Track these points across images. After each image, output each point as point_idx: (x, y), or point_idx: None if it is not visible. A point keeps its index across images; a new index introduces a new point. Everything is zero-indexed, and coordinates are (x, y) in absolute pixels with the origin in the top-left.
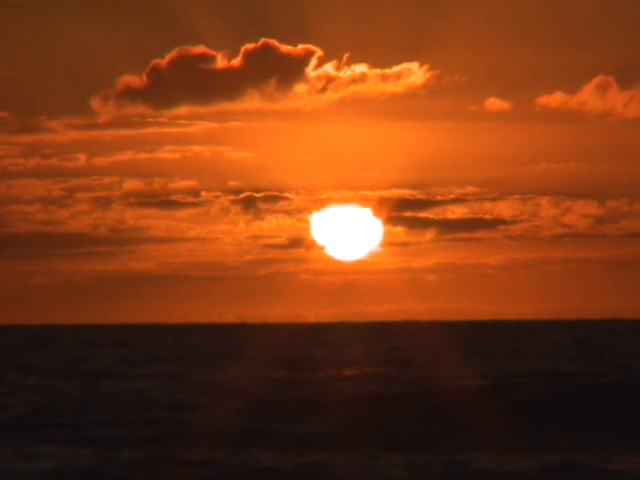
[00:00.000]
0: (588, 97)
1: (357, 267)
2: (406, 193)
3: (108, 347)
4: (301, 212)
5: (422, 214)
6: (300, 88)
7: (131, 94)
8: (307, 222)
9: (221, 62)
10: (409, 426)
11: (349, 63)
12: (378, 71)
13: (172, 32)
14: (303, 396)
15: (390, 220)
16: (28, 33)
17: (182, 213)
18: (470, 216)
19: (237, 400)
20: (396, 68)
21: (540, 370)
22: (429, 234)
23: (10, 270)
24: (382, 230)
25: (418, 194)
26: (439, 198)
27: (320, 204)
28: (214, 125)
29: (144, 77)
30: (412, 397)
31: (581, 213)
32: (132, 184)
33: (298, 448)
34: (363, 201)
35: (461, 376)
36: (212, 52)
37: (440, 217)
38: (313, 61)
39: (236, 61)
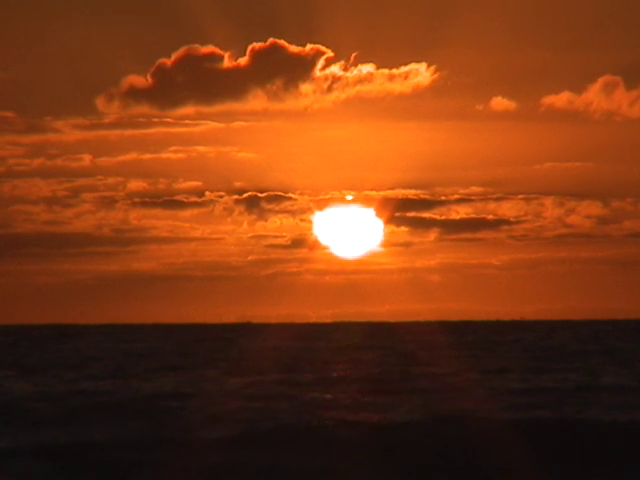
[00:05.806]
0: (594, 97)
1: (360, 267)
2: (410, 193)
3: None
4: (304, 212)
5: (425, 214)
6: (306, 88)
7: (136, 94)
8: (310, 222)
9: (227, 62)
10: None
11: (356, 63)
12: (385, 71)
13: (177, 31)
14: None
15: (393, 220)
16: (33, 33)
17: (186, 213)
18: (474, 216)
19: None
20: (404, 68)
21: None
22: (432, 234)
23: (14, 270)
24: (385, 230)
25: (422, 194)
26: (443, 198)
27: (323, 204)
28: (220, 125)
29: (149, 77)
30: None
31: (585, 213)
32: (136, 184)
33: None
34: (366, 201)
35: None
36: (220, 52)
37: (444, 217)
38: (321, 61)
39: (243, 61)
